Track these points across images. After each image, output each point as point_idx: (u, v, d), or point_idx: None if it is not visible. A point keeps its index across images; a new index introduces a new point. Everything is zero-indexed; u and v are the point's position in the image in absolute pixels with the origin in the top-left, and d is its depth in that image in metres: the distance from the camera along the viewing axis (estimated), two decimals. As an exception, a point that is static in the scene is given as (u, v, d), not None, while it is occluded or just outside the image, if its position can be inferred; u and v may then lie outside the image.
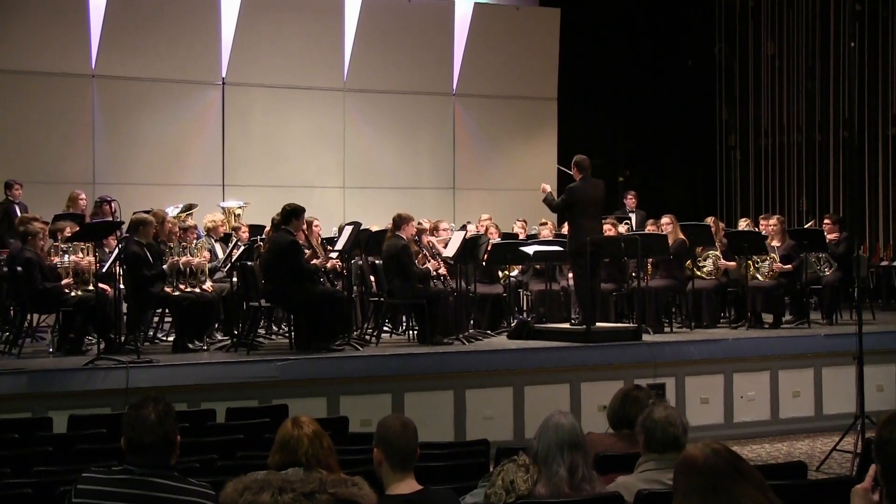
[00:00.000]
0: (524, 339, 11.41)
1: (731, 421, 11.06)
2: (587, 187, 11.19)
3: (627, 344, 10.97)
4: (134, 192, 14.72)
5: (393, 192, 17.17)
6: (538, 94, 18.55)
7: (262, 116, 16.92)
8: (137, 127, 16.00)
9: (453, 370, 10.14)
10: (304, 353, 10.07)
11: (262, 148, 16.82)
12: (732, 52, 19.93)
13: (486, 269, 12.95)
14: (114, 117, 15.92)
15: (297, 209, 10.54)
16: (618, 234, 12.79)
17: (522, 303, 13.97)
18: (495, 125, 18.44)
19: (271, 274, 10.42)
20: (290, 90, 16.96)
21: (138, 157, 15.95)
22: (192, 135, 16.41)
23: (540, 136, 18.67)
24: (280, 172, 16.75)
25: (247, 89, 16.76)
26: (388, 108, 17.66)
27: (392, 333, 12.47)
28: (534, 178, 18.13)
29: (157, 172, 15.94)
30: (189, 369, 9.42)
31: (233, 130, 16.66)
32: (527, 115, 18.58)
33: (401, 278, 11.17)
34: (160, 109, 16.14)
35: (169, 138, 16.17)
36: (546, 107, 18.65)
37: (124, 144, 15.91)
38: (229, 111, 16.64)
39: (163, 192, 15.24)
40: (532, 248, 12.25)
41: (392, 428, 4.26)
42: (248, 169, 16.68)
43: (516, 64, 18.37)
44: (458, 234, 11.95)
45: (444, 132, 18.17)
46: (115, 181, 15.34)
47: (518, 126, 18.55)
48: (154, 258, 10.39)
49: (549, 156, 18.31)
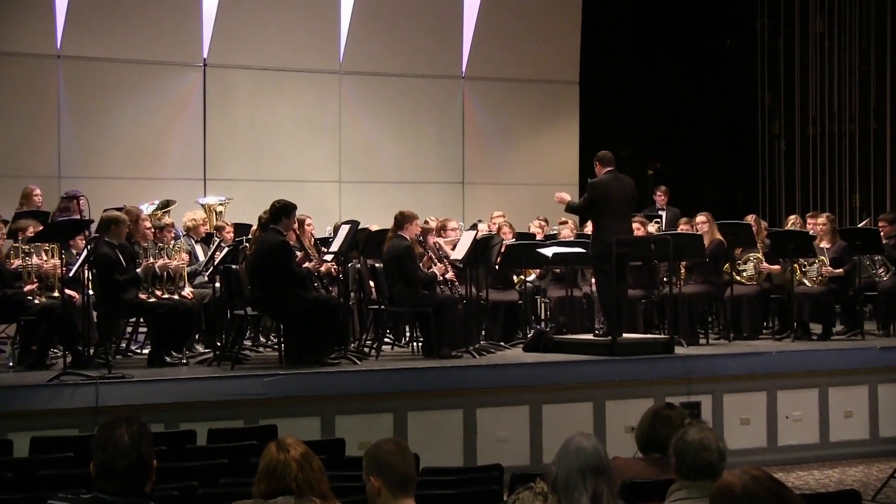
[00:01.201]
0: (542, 351, 11.39)
1: (774, 444, 11.05)
2: (613, 181, 11.19)
3: (658, 357, 10.96)
4: (104, 187, 14.74)
5: (394, 188, 17.17)
6: (558, 77, 18.55)
7: (248, 102, 16.94)
8: (108, 114, 16.03)
9: (462, 386, 10.15)
10: (296, 367, 10.06)
11: (248, 138, 16.84)
12: (776, 30, 19.91)
13: (499, 274, 12.94)
14: (82, 103, 15.95)
15: (288, 206, 10.54)
16: (647, 234, 12.77)
17: (540, 311, 13.96)
18: (510, 112, 18.44)
19: (259, 279, 10.42)
20: (280, 73, 16.98)
21: (109, 148, 15.97)
22: (169, 123, 16.44)
23: (560, 124, 18.68)
24: (268, 165, 16.77)
25: (231, 72, 16.78)
26: (390, 93, 17.67)
27: (394, 345, 12.48)
28: (553, 172, 18.25)
29: (131, 165, 15.96)
30: (166, 385, 9.42)
31: (215, 118, 16.68)
32: (545, 100, 18.58)
33: (403, 284, 11.17)
34: (134, 94, 16.17)
35: (144, 127, 16.19)
36: (566, 91, 18.65)
37: (94, 134, 15.93)
38: (211, 96, 16.66)
39: (137, 187, 15.25)
40: (551, 250, 12.24)
41: (387, 451, 4.26)
42: (233, 161, 16.70)
43: (533, 43, 18.37)
44: (468, 235, 11.95)
45: (452, 120, 18.18)
46: (84, 175, 15.36)
47: (535, 113, 18.55)
48: (127, 261, 10.39)
49: (570, 146, 18.33)
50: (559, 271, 13.14)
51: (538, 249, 12.33)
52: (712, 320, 13.32)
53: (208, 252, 11.87)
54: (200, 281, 11.84)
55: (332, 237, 12.14)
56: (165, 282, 10.91)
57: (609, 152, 11.39)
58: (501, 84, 18.33)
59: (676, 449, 4.61)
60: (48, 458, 7.02)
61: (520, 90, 18.45)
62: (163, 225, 11.69)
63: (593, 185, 11.24)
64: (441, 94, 18.06)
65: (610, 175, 11.23)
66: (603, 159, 11.34)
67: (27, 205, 12.59)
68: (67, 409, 8.86)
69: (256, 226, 11.09)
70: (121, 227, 10.47)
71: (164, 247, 11.09)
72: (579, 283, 13.12)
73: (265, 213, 10.72)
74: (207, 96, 16.65)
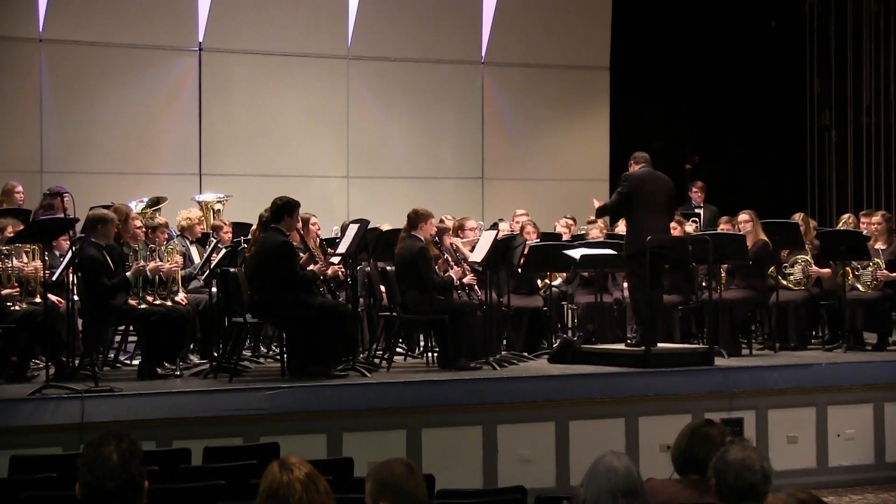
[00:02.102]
0: (569, 363, 11.41)
1: (824, 465, 11.02)
2: (648, 176, 11.21)
3: (696, 369, 10.96)
4: (91, 183, 14.79)
5: (408, 183, 17.19)
6: (586, 62, 18.54)
7: (248, 90, 16.97)
8: (95, 103, 16.07)
9: (482, 401, 10.14)
10: (299, 379, 10.08)
11: (247, 129, 16.87)
12: (826, 10, 19.86)
13: (522, 278, 12.95)
14: (66, 91, 16.00)
15: (291, 204, 10.55)
16: (684, 234, 12.77)
17: (567, 319, 13.96)
18: (533, 100, 18.44)
19: (259, 283, 10.44)
20: (282, 58, 17.01)
21: (96, 141, 16.02)
22: (161, 113, 16.47)
23: (588, 113, 18.66)
24: (269, 159, 16.80)
25: (229, 57, 16.82)
26: (402, 80, 17.69)
27: (407, 356, 12.51)
28: (581, 166, 18.24)
29: (120, 159, 16.01)
30: (158, 400, 9.42)
31: (212, 107, 16.72)
32: (572, 88, 18.57)
33: (417, 289, 11.18)
34: (123, 82, 16.21)
35: (133, 117, 16.24)
36: (596, 78, 18.65)
37: (79, 125, 15.98)
38: (207, 84, 16.70)
39: (126, 183, 15.30)
40: (578, 252, 12.23)
41: (396, 472, 4.27)
42: (231, 155, 16.74)
43: (560, 25, 18.38)
44: (488, 235, 11.95)
45: (470, 109, 18.18)
46: (68, 169, 15.43)
47: (561, 102, 18.54)
48: (115, 263, 10.42)
49: (600, 138, 18.31)
50: (588, 275, 13.13)
51: (565, 251, 12.31)
52: (756, 329, 13.29)
53: (204, 254, 11.89)
54: (195, 285, 11.87)
55: (339, 238, 12.17)
56: (157, 286, 10.95)
57: (645, 153, 11.45)
58: (524, 70, 18.33)
59: (716, 469, 4.61)
60: (29, 478, 7.03)
61: (545, 76, 18.44)
62: (155, 224, 11.70)
63: (626, 176, 11.27)
64: (458, 80, 18.07)
65: (646, 170, 11.25)
66: (638, 158, 11.42)
67: (7, 202, 12.60)
68: (50, 426, 8.87)
69: (256, 225, 11.12)
70: (108, 227, 10.50)
71: (155, 248, 11.13)
72: (610, 288, 13.13)
73: (266, 211, 10.74)
74: (203, 84, 16.68)
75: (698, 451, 5.34)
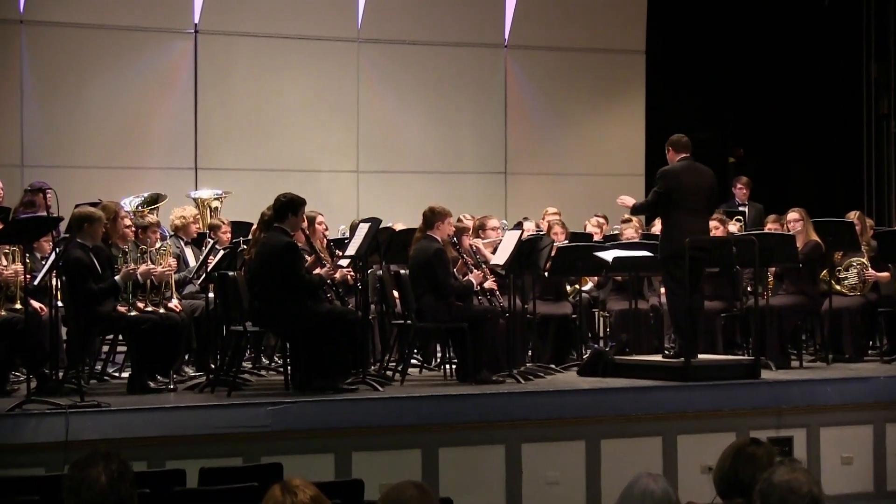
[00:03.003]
0: (600, 375, 11.42)
1: (882, 488, 11.00)
2: (687, 171, 11.19)
3: (741, 383, 10.96)
4: (76, 178, 14.83)
5: (423, 179, 17.21)
6: (620, 45, 18.53)
7: (249, 77, 16.99)
8: (81, 91, 16.11)
9: (505, 418, 10.14)
10: (305, 394, 10.08)
11: (247, 119, 16.89)
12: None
13: (549, 282, 12.96)
14: (49, 78, 16.04)
15: (295, 201, 10.56)
16: (727, 234, 12.75)
17: (598, 327, 13.95)
18: (562, 88, 18.44)
19: (260, 288, 10.45)
20: (286, 41, 17.04)
21: (82, 132, 16.06)
22: (154, 101, 16.50)
23: (622, 102, 18.64)
24: (272, 152, 16.82)
25: (228, 40, 16.85)
26: (417, 66, 17.70)
27: (422, 368, 12.53)
28: (614, 159, 18.22)
29: (108, 152, 16.03)
30: (150, 416, 9.43)
31: (209, 95, 16.75)
32: (605, 73, 18.57)
33: (434, 294, 11.19)
34: (111, 67, 16.24)
35: (123, 106, 16.26)
36: (631, 63, 18.64)
37: (63, 114, 16.02)
38: (204, 69, 16.72)
39: (115, 179, 15.34)
40: (611, 254, 12.22)
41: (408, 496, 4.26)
42: (230, 147, 16.77)
43: (590, 4, 18.38)
44: (512, 235, 11.95)
45: (492, 97, 18.18)
46: (51, 163, 15.46)
47: (593, 89, 18.53)
48: (103, 266, 10.42)
49: (635, 129, 18.28)
50: (621, 279, 13.13)
51: (596, 253, 12.30)
52: (806, 338, 13.27)
53: (200, 256, 11.90)
54: (191, 290, 11.89)
55: (348, 238, 12.17)
56: (149, 291, 10.96)
57: (685, 136, 11.37)
58: (552, 54, 18.32)
59: (762, 493, 4.60)
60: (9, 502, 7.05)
61: (574, 61, 18.44)
62: (146, 224, 11.74)
63: (663, 173, 11.23)
64: (479, 66, 18.07)
65: (684, 163, 11.22)
66: (677, 144, 11.33)
67: (-15, 200, 12.67)
68: (32, 445, 8.87)
69: (257, 224, 11.12)
70: (96, 227, 10.49)
71: (147, 250, 11.14)
72: (645, 294, 13.12)
73: (268, 209, 10.73)
74: (199, 69, 16.71)
75: (743, 473, 5.32)
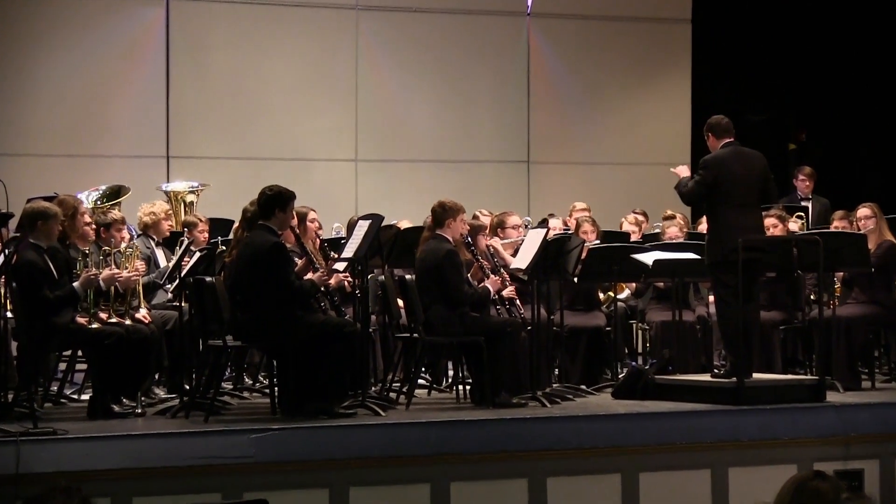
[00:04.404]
0: (639, 398, 11.41)
1: (970, 531, 11.00)
2: (733, 158, 11.18)
3: (803, 407, 10.92)
4: (29, 169, 14.88)
5: (432, 169, 17.24)
6: (662, 13, 18.58)
7: (229, 51, 17.01)
8: (34, 68, 16.15)
9: (527, 447, 10.09)
10: (295, 419, 10.07)
11: (227, 99, 16.95)
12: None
13: (578, 290, 12.95)
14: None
15: (283, 195, 10.56)
16: (787, 233, 12.73)
17: (636, 342, 13.96)
18: (594, 63, 18.47)
19: (243, 296, 10.45)
20: (272, 7, 17.12)
21: (35, 115, 16.12)
22: (119, 79, 16.56)
23: (665, 79, 18.65)
24: (256, 138, 16.86)
25: (204, 7, 16.90)
26: (426, 37, 17.74)
27: (431, 389, 12.51)
28: (654, 146, 18.21)
29: (65, 138, 16.11)
30: (115, 445, 9.38)
31: (183, 72, 16.80)
32: (644, 46, 18.60)
33: (445, 303, 11.19)
34: (70, 40, 16.29)
35: (83, 85, 16.34)
36: (674, 33, 18.66)
37: (13, 95, 16.09)
38: (177, 41, 16.76)
39: (74, 169, 15.39)
40: (651, 256, 12.21)
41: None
42: (207, 132, 16.81)
43: (627, -35, 18.44)
44: (536, 235, 11.93)
45: (513, 74, 18.21)
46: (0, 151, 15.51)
47: (630, 64, 18.56)
48: (60, 271, 10.43)
49: (679, 110, 18.29)
50: (663, 286, 13.13)
51: (633, 255, 12.30)
52: (879, 355, 13.24)
53: (173, 258, 11.90)
54: (162, 299, 11.91)
55: (345, 238, 12.16)
56: (113, 300, 10.94)
57: (725, 118, 11.36)
58: (582, 23, 18.36)
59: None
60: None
61: (608, 32, 18.49)
62: (110, 221, 11.73)
63: (706, 162, 11.22)
64: (498, 37, 18.11)
65: (729, 149, 11.21)
66: (717, 128, 11.33)
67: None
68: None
69: (240, 222, 11.12)
70: (51, 225, 10.50)
71: (111, 251, 11.12)
72: (691, 303, 13.13)
73: (252, 204, 10.76)
74: (171, 40, 16.75)
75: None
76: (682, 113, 18.20)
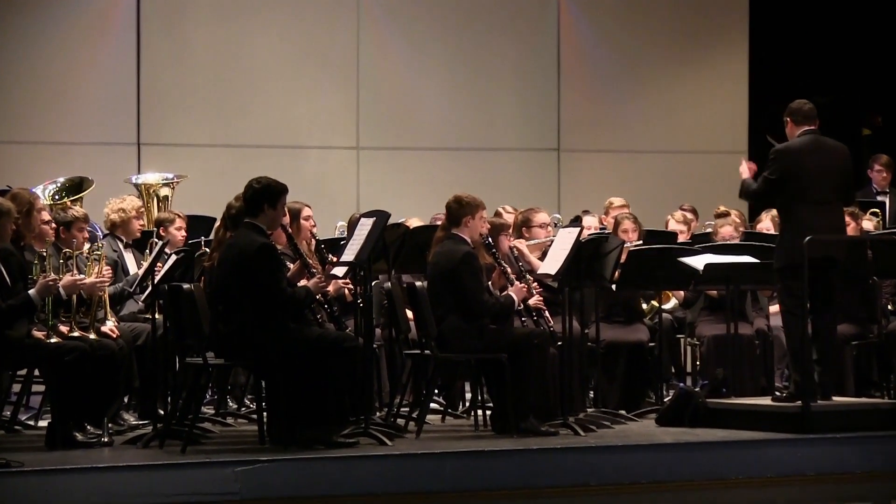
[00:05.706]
0: (688, 425, 11.42)
1: None
2: (810, 149, 11.14)
3: (879, 435, 10.90)
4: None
5: (446, 158, 17.32)
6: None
7: (210, 24, 17.06)
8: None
9: (557, 483, 10.15)
10: (286, 449, 10.09)
11: (208, 80, 16.98)
12: None
13: (617, 299, 12.93)
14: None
15: (273, 189, 10.55)
16: (860, 232, 12.68)
17: (684, 360, 13.91)
18: (634, 38, 18.48)
19: (226, 306, 10.45)
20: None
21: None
22: (84, 57, 16.63)
23: (717, 57, 18.71)
24: (241, 123, 16.95)
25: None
26: (438, 8, 17.72)
27: (445, 414, 12.54)
28: (705, 133, 18.23)
29: (21, 123, 16.22)
30: (78, 479, 9.40)
31: (156, 50, 16.83)
32: (692, 19, 18.69)
33: (461, 314, 11.16)
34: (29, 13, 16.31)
35: (43, 65, 16.41)
36: (729, 6, 18.60)
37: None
38: (149, 15, 16.81)
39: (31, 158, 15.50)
40: (702, 260, 12.17)
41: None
42: (184, 116, 16.88)
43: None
44: (567, 235, 11.90)
45: (540, 51, 18.27)
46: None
47: (676, 40, 18.62)
48: (13, 276, 10.41)
49: (734, 93, 18.31)
50: (716, 295, 13.07)
51: (681, 259, 12.26)
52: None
53: (145, 262, 11.87)
54: (132, 309, 11.87)
55: (345, 239, 12.13)
56: (75, 310, 10.91)
57: (808, 102, 11.37)
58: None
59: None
60: None
61: (651, 4, 18.42)
62: (71, 219, 11.70)
63: (778, 153, 11.22)
64: (523, 5, 18.10)
65: (807, 138, 11.23)
66: (797, 113, 11.35)
67: None
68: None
69: (222, 220, 11.14)
70: (3, 223, 10.51)
71: (72, 254, 11.08)
72: (749, 315, 13.09)
73: (236, 199, 10.77)
74: (143, 13, 16.80)
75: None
76: (737, 95, 18.21)
